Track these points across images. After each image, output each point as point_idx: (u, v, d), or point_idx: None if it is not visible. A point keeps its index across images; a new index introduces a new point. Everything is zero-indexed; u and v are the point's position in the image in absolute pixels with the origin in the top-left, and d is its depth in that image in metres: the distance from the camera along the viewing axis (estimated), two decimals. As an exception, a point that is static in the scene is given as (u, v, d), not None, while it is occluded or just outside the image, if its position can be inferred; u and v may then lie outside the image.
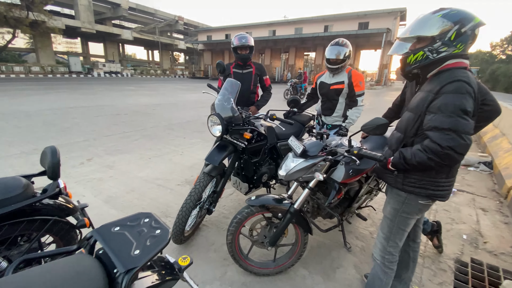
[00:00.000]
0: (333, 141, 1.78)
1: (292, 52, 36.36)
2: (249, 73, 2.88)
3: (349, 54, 2.44)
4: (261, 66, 2.99)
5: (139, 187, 3.03)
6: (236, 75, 2.82)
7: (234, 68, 2.86)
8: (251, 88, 2.91)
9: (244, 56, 2.77)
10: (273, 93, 3.14)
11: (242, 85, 2.69)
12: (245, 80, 2.78)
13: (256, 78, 2.93)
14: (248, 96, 2.91)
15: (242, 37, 2.71)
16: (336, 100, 2.59)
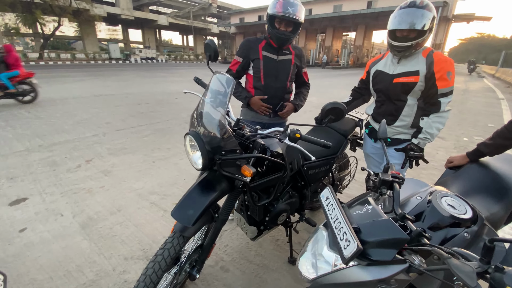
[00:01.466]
0: (415, 199, 0.91)
1: (329, 33, 33.55)
2: (287, 61, 1.88)
3: (431, 24, 1.44)
4: (301, 52, 1.98)
5: (128, 206, 2.44)
6: (267, 62, 1.82)
7: (265, 51, 1.82)
8: (287, 86, 1.93)
9: (285, 35, 1.71)
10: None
11: (275, 80, 1.81)
12: (280, 71, 1.87)
13: (294, 69, 1.94)
14: (281, 97, 1.94)
15: (289, 3, 1.61)
16: (403, 101, 1.62)
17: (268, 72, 1.83)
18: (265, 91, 1.86)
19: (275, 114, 1.96)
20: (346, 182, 2.33)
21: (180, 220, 1.08)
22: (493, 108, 8.02)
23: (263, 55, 1.82)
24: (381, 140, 1.08)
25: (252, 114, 1.96)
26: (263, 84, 1.85)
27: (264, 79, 1.84)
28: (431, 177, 3.22)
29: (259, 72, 1.83)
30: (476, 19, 27.44)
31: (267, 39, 1.84)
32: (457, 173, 1.34)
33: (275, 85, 1.86)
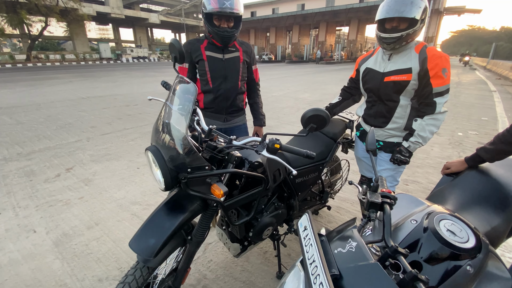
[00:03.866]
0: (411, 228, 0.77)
1: (322, 28, 33.38)
2: (235, 59, 1.71)
3: (424, 15, 1.31)
4: (249, 48, 1.82)
5: (107, 219, 2.28)
6: (213, 62, 1.65)
7: (208, 50, 1.65)
8: (238, 86, 1.76)
9: (228, 32, 1.56)
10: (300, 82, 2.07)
11: (224, 81, 1.64)
12: (228, 71, 1.70)
13: (244, 67, 1.77)
14: (234, 100, 1.77)
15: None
16: (396, 102, 1.49)
17: (215, 73, 1.66)
18: (215, 94, 1.70)
19: (229, 118, 1.82)
20: (338, 186, 2.20)
21: (139, 252, 0.94)
22: (486, 101, 7.99)
23: (207, 55, 1.64)
24: (369, 152, 0.94)
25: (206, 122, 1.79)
26: (211, 87, 1.68)
27: (212, 81, 1.67)
28: (426, 176, 3.12)
29: (205, 74, 1.66)
30: (467, 11, 27.50)
31: (209, 38, 1.64)
32: (455, 181, 1.22)
33: (225, 87, 1.69)
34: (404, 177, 3.08)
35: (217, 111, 1.77)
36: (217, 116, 1.78)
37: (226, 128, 1.84)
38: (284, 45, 39.27)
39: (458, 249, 0.68)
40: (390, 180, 1.63)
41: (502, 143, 1.09)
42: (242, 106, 1.88)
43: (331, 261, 0.61)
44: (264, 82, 12.61)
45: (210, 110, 1.75)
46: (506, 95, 9.38)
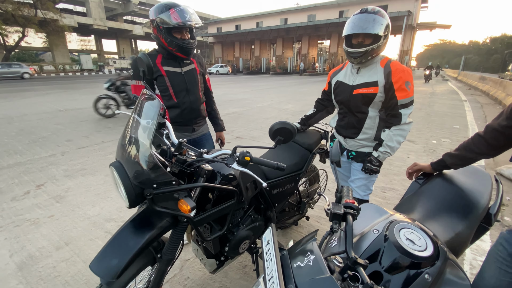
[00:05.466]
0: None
1: (305, 41, 34.54)
2: (193, 71, 1.76)
3: (386, 31, 1.40)
4: (201, 58, 1.88)
5: (79, 238, 2.17)
6: (173, 77, 1.66)
7: (165, 65, 1.64)
8: (200, 97, 1.83)
9: (191, 44, 1.61)
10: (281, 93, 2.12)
11: (186, 94, 1.67)
12: (189, 83, 1.73)
13: (202, 78, 1.85)
14: (197, 110, 1.82)
15: (182, 10, 1.50)
16: (365, 113, 1.55)
17: (178, 87, 1.68)
18: (181, 108, 1.72)
19: (196, 128, 1.87)
20: (316, 196, 2.22)
21: (100, 274, 0.89)
22: (458, 110, 8.46)
23: (166, 70, 1.64)
24: (333, 163, 0.96)
25: (177, 134, 1.79)
26: (176, 101, 1.70)
27: (176, 95, 1.69)
28: (403, 183, 3.22)
29: (167, 90, 1.66)
30: (437, 27, 29.49)
31: (163, 52, 1.65)
32: (421, 189, 1.26)
33: (189, 99, 1.73)
34: (382, 184, 3.16)
35: (184, 123, 1.80)
36: (184, 128, 1.81)
37: (195, 139, 1.89)
38: (269, 57, 40.16)
39: (416, 257, 0.70)
40: (364, 189, 1.67)
41: (466, 150, 1.15)
42: (205, 114, 1.96)
43: (289, 276, 0.61)
44: (249, 93, 12.76)
45: (177, 123, 1.77)
46: (475, 104, 9.99)
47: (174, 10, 1.49)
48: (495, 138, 1.03)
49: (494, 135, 1.02)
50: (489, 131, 1.05)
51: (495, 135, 1.02)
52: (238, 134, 5.40)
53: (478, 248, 2.09)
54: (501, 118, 0.99)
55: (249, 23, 39.72)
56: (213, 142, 2.07)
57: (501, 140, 1.02)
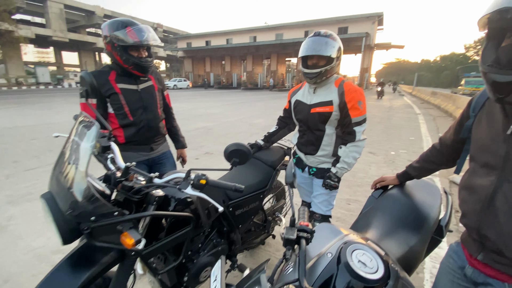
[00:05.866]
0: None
1: (273, 58, 35.88)
2: (150, 88, 1.70)
3: (339, 53, 1.49)
4: (159, 75, 1.83)
5: (20, 273, 1.90)
6: (129, 95, 1.59)
7: (120, 82, 1.57)
8: (159, 114, 1.76)
9: (148, 62, 1.57)
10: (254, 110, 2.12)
11: (144, 111, 1.61)
12: (146, 101, 1.67)
13: (160, 95, 1.80)
14: (156, 128, 1.75)
15: (140, 29, 1.48)
16: (322, 131, 1.61)
17: (134, 105, 1.61)
18: (138, 126, 1.65)
19: (154, 147, 1.79)
20: (284, 212, 2.22)
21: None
22: (413, 123, 9.25)
23: (120, 88, 1.57)
24: (287, 185, 0.96)
25: (130, 156, 1.67)
26: (132, 119, 1.62)
27: (132, 114, 1.61)
28: (366, 194, 3.36)
29: (122, 108, 1.59)
30: (392, 47, 32.56)
31: (118, 69, 1.58)
32: (377, 204, 1.32)
33: (146, 117, 1.66)
34: (346, 196, 3.27)
35: (142, 142, 1.71)
36: (142, 147, 1.73)
37: (153, 158, 1.80)
38: (239, 73, 40.91)
39: (367, 281, 0.70)
40: (326, 204, 1.70)
41: (426, 162, 1.22)
42: (164, 132, 1.89)
43: None
44: (219, 108, 12.75)
45: (134, 143, 1.68)
46: (428, 117, 11.02)
47: (131, 28, 1.45)
48: (448, 151, 1.10)
49: (447, 149, 1.10)
50: (442, 144, 1.12)
51: (447, 148, 1.10)
52: (208, 149, 5.30)
53: (437, 256, 2.20)
54: (450, 133, 1.07)
55: (219, 40, 40.39)
56: (174, 160, 1.99)
57: (452, 153, 1.09)
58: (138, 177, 1.06)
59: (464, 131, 0.94)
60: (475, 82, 19.73)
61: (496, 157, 0.78)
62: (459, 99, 11.42)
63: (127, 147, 1.65)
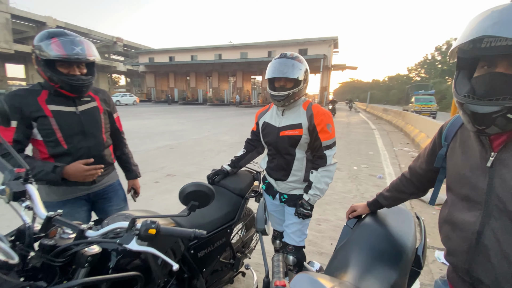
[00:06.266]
0: None
1: (239, 75, 36.55)
2: (93, 110, 1.44)
3: (305, 76, 1.43)
4: (106, 95, 1.58)
5: None
6: (63, 118, 1.32)
7: (53, 104, 1.30)
8: (104, 140, 1.48)
9: (82, 81, 1.29)
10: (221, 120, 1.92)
11: (83, 138, 1.36)
12: (87, 125, 1.40)
13: (106, 117, 1.53)
14: (100, 156, 1.45)
15: (71, 41, 1.22)
16: (292, 155, 1.50)
17: (69, 130, 1.34)
18: (74, 156, 1.35)
19: (98, 179, 1.48)
20: (254, 242, 2.03)
21: None
22: (370, 137, 9.89)
23: (52, 110, 1.30)
24: (258, 232, 0.81)
25: (63, 191, 1.40)
26: (66, 148, 1.33)
27: (67, 140, 1.33)
28: (335, 213, 3.34)
29: (54, 134, 1.30)
30: (347, 68, 35.49)
31: (50, 88, 1.31)
32: (353, 236, 1.22)
33: (86, 144, 1.39)
34: (316, 216, 3.20)
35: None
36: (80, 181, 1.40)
37: (97, 192, 1.52)
38: (205, 89, 40.69)
39: None
40: (299, 234, 1.57)
41: (397, 191, 1.16)
42: (112, 160, 1.59)
43: None
44: (184, 124, 12.31)
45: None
46: (382, 132, 11.93)
47: (57, 39, 1.20)
48: (419, 180, 1.06)
49: (418, 178, 1.06)
50: (413, 173, 1.08)
51: (418, 177, 1.06)
52: (170, 170, 4.93)
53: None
54: (420, 161, 1.03)
55: (184, 56, 40.06)
56: (125, 193, 1.71)
57: (424, 182, 1.05)
58: (65, 230, 0.81)
59: (438, 160, 0.89)
60: (423, 100, 20.59)
61: (477, 191, 0.73)
62: (408, 115, 12.64)
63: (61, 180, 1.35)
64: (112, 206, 1.57)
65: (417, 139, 8.51)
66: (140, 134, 9.15)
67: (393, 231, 1.20)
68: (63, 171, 1.27)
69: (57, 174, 1.25)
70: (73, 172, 1.29)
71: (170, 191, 3.92)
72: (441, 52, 51.76)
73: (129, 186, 1.75)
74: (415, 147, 8.17)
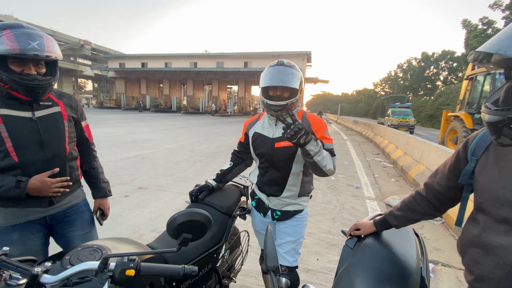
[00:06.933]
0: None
1: (215, 84, 36.40)
2: (55, 115, 1.24)
3: (301, 86, 1.35)
4: (72, 99, 1.37)
5: None
6: (15, 125, 1.12)
7: (2, 107, 1.11)
8: (67, 151, 1.26)
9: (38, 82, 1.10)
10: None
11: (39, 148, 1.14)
12: (46, 133, 1.19)
13: (71, 125, 1.32)
14: (62, 170, 1.23)
15: (26, 34, 1.04)
16: (288, 169, 1.39)
17: (23, 139, 1.14)
18: (26, 171, 1.14)
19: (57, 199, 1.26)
20: (239, 264, 1.86)
21: None
22: (343, 148, 10.22)
23: (2, 115, 1.10)
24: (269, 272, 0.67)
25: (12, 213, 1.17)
26: (17, 161, 1.12)
27: (18, 152, 1.12)
28: (318, 225, 3.27)
29: (2, 143, 1.09)
30: (319, 81, 37.07)
31: (2, 90, 1.11)
32: (355, 259, 1.12)
33: (43, 157, 1.17)
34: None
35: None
36: (33, 201, 1.18)
37: (55, 214, 1.28)
38: (180, 97, 39.75)
39: None
40: (292, 254, 1.44)
41: (410, 211, 1.06)
42: (77, 176, 1.36)
43: None
44: (157, 133, 11.75)
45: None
46: (354, 142, 12.42)
47: (9, 31, 1.02)
48: (437, 199, 0.97)
49: (436, 196, 0.97)
50: (429, 190, 0.99)
51: (436, 195, 0.97)
52: (141, 183, 4.56)
53: None
54: (439, 177, 0.95)
55: (157, 63, 38.95)
56: (91, 215, 1.46)
57: (444, 201, 0.96)
58: (12, 275, 0.60)
59: (463, 176, 0.83)
60: (400, 113, 18.85)
61: None
62: (377, 127, 13.35)
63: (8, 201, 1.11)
64: (76, 231, 1.34)
65: (386, 149, 8.96)
66: (107, 143, 8.50)
67: (396, 252, 1.13)
68: (28, 187, 1.10)
69: (21, 190, 1.09)
70: (37, 187, 1.12)
71: (142, 207, 3.59)
72: (402, 70, 56.28)
73: (95, 206, 1.49)
74: (385, 157, 8.57)
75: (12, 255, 0.67)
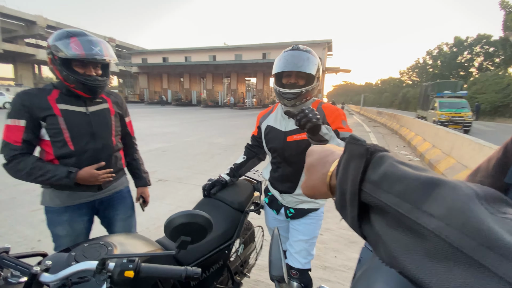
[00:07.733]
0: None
1: (233, 77, 36.41)
2: (104, 111, 1.38)
3: (318, 73, 1.25)
4: (119, 98, 1.52)
5: None
6: (72, 118, 1.25)
7: (63, 103, 1.24)
8: (113, 143, 1.40)
9: (99, 81, 1.26)
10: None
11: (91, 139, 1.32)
12: (96, 126, 1.32)
13: (117, 120, 1.46)
14: (108, 160, 1.36)
15: (90, 41, 1.18)
16: (301, 164, 1.31)
17: (78, 131, 1.28)
18: (80, 158, 1.28)
19: (105, 184, 1.41)
20: (253, 259, 1.83)
21: None
22: (366, 140, 9.80)
23: (62, 109, 1.24)
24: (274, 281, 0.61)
25: (67, 196, 1.31)
26: (73, 149, 1.27)
27: (74, 141, 1.27)
28: (336, 221, 3.17)
29: (61, 133, 1.24)
30: (341, 71, 35.74)
31: (63, 87, 1.27)
32: (377, 261, 1.03)
33: (94, 146, 1.32)
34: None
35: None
36: (85, 187, 1.33)
37: (103, 199, 1.43)
38: (199, 90, 40.36)
39: None
40: (305, 254, 1.38)
41: None
42: (121, 165, 1.51)
43: None
44: (177, 126, 12.03)
45: None
46: (378, 134, 11.89)
47: (76, 38, 1.17)
48: None
49: None
50: None
51: None
52: (161, 175, 4.69)
53: None
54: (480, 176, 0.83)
55: (177, 57, 39.65)
56: (133, 201, 1.60)
57: None
58: (13, 272, 0.61)
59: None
60: (450, 105, 13.22)
61: None
62: (402, 119, 12.63)
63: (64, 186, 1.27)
64: (118, 214, 1.49)
65: (413, 142, 8.47)
66: (131, 136, 8.85)
67: None
68: (77, 177, 1.23)
69: (71, 180, 1.22)
70: (86, 178, 1.25)
71: (161, 198, 3.69)
72: (432, 56, 52.65)
73: (138, 194, 1.66)
74: (411, 150, 8.11)
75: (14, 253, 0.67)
